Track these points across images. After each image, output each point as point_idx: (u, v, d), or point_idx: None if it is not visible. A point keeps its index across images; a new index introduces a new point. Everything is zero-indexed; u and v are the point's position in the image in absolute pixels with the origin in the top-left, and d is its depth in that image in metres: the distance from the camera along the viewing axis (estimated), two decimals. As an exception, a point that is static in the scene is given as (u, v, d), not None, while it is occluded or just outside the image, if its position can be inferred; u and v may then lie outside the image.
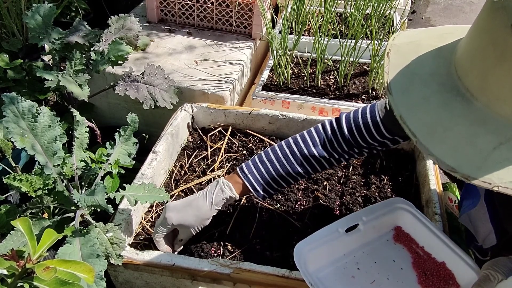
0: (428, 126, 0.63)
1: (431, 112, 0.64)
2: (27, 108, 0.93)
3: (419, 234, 1.03)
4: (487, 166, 0.57)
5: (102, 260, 0.90)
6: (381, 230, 1.06)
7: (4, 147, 1.13)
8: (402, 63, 0.71)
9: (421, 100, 0.65)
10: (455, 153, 0.60)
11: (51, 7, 1.37)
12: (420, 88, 0.67)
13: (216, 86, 1.59)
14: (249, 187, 1.02)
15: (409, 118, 0.64)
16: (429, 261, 0.99)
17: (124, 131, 1.11)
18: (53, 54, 1.39)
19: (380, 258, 1.01)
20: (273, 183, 1.03)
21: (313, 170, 1.04)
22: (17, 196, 1.27)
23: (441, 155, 0.60)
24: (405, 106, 0.66)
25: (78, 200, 0.92)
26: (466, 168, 0.58)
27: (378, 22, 1.92)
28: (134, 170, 1.27)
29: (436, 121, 0.63)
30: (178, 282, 1.03)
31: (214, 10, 1.89)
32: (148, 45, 1.82)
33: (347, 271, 0.98)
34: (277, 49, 1.65)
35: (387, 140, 1.00)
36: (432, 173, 1.22)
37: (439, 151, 0.61)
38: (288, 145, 1.03)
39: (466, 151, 0.59)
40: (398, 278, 0.97)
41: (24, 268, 0.74)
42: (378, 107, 0.99)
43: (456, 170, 0.58)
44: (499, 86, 0.58)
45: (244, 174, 1.03)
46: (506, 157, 0.57)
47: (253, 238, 1.13)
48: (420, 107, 0.65)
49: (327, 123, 1.03)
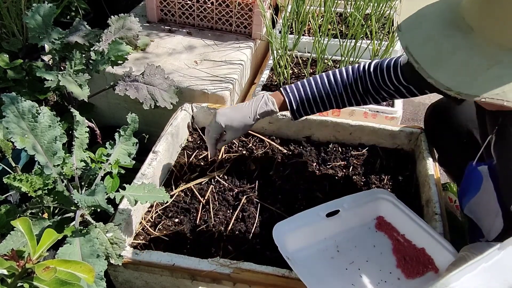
0: (430, 54, 0.72)
1: (434, 44, 0.73)
2: (27, 108, 0.93)
3: (400, 223, 1.07)
4: (478, 83, 0.67)
5: (102, 260, 0.90)
6: (363, 218, 1.10)
7: (4, 147, 1.13)
8: (414, 8, 0.81)
9: (426, 35, 0.75)
10: (452, 75, 0.69)
11: (51, 7, 1.37)
12: (427, 26, 0.76)
13: (216, 86, 1.59)
14: (288, 104, 1.19)
15: (414, 48, 0.74)
16: (409, 248, 1.04)
17: (124, 131, 1.11)
18: (53, 54, 1.39)
19: (361, 243, 1.05)
20: (307, 106, 1.19)
21: (341, 102, 1.20)
22: (17, 196, 1.27)
23: (439, 77, 0.69)
24: (411, 39, 0.75)
25: (78, 200, 0.92)
26: (460, 86, 0.67)
27: (378, 22, 1.92)
28: (134, 170, 1.27)
29: (438, 50, 0.72)
30: (178, 282, 1.03)
31: (214, 10, 1.89)
32: (148, 45, 1.82)
33: (327, 253, 1.02)
34: (277, 49, 1.65)
35: (402, 87, 1.12)
36: (432, 173, 1.22)
37: (437, 74, 0.70)
38: (327, 76, 1.19)
39: (461, 73, 0.69)
40: (377, 261, 1.02)
41: (24, 268, 0.74)
42: (402, 58, 1.12)
43: (450, 89, 0.68)
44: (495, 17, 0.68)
45: (286, 92, 1.19)
46: (495, 75, 0.67)
47: (253, 238, 1.13)
48: (425, 41, 0.74)
49: (362, 63, 1.18)
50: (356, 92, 1.17)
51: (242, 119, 1.15)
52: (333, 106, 1.20)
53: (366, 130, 1.41)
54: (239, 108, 1.18)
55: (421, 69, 0.71)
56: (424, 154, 1.28)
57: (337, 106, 1.20)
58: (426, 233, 1.01)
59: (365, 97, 1.18)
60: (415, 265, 0.99)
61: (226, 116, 1.16)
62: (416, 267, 0.99)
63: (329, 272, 0.98)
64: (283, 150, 1.42)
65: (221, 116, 1.16)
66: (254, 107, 1.16)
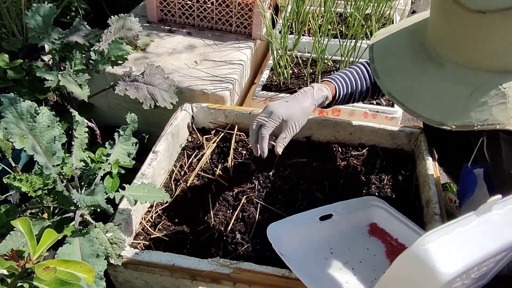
0: (406, 87, 0.71)
1: (408, 76, 0.72)
2: (25, 109, 0.93)
3: (393, 228, 1.09)
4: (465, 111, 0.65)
5: (102, 260, 0.90)
6: (356, 224, 1.11)
7: (4, 147, 1.13)
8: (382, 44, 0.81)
9: (398, 67, 0.74)
10: (436, 108, 0.67)
11: (51, 7, 1.37)
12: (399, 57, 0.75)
13: (216, 86, 1.59)
14: (336, 92, 1.18)
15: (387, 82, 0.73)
16: (402, 250, 1.03)
17: (124, 131, 1.11)
18: (53, 54, 1.39)
19: (354, 246, 1.06)
20: (345, 97, 1.22)
21: (372, 94, 1.25)
22: (17, 196, 1.27)
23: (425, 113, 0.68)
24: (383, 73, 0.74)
25: (78, 200, 0.92)
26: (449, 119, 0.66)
27: (378, 22, 1.92)
28: (134, 170, 1.27)
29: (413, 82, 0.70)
30: (178, 282, 1.03)
31: (214, 10, 1.89)
32: (148, 45, 1.82)
33: (321, 254, 1.03)
34: (277, 49, 1.65)
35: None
36: (432, 173, 1.21)
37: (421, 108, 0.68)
38: (366, 68, 1.23)
39: (444, 104, 0.67)
40: (370, 263, 1.02)
41: (24, 268, 0.74)
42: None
43: (443, 123, 0.66)
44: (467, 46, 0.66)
45: (336, 82, 1.20)
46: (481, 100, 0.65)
47: (253, 238, 1.13)
48: (398, 73, 0.73)
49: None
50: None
51: (302, 108, 1.09)
52: (360, 100, 1.25)
53: (366, 130, 1.41)
54: (293, 100, 1.11)
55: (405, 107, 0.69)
56: (424, 154, 1.28)
57: (363, 100, 1.26)
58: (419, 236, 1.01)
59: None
60: None
61: (283, 107, 1.07)
62: None
63: (323, 270, 0.99)
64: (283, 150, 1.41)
65: (277, 107, 1.07)
66: (310, 95, 1.12)
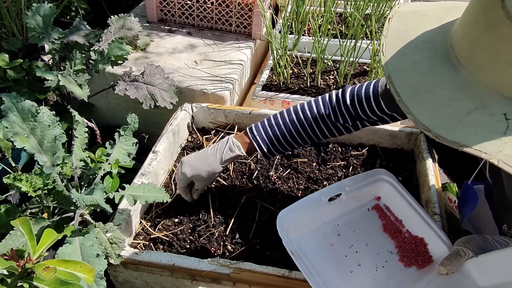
0: (412, 87, 0.66)
1: (419, 75, 0.67)
2: (27, 108, 0.93)
3: (398, 207, 1.08)
4: (459, 128, 0.60)
5: (102, 259, 0.89)
6: (363, 200, 1.11)
7: (4, 147, 1.13)
8: (401, 29, 0.74)
9: (411, 64, 0.68)
10: (433, 114, 0.63)
11: (51, 7, 1.37)
12: (413, 53, 0.69)
13: (216, 86, 1.59)
14: (256, 147, 1.11)
15: (396, 78, 0.67)
16: (398, 226, 1.06)
17: (124, 131, 1.11)
18: (53, 54, 1.39)
19: (360, 226, 1.07)
20: (278, 145, 1.11)
21: (315, 137, 1.11)
22: (17, 196, 1.27)
23: (419, 115, 0.63)
24: (395, 68, 0.68)
25: (77, 199, 0.92)
26: (440, 129, 0.61)
27: (378, 22, 1.92)
28: (134, 170, 1.27)
29: (421, 83, 0.66)
30: (178, 282, 1.03)
31: (214, 10, 1.89)
32: (148, 45, 1.82)
33: (327, 239, 1.03)
34: (277, 49, 1.65)
35: (386, 116, 1.05)
36: (432, 173, 1.22)
37: (417, 110, 0.64)
38: (295, 111, 1.10)
39: (443, 113, 0.62)
40: (375, 245, 1.03)
41: (24, 268, 0.74)
42: (380, 83, 1.03)
43: (430, 130, 0.61)
44: (483, 54, 0.61)
45: (253, 135, 1.11)
46: (478, 121, 0.60)
47: (253, 238, 1.13)
48: (409, 70, 0.68)
49: (334, 93, 1.09)
50: (331, 125, 1.08)
51: (207, 168, 1.10)
52: (307, 142, 1.12)
53: (365, 130, 1.41)
54: (203, 156, 1.12)
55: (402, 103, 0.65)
56: (424, 154, 1.28)
57: (311, 141, 1.11)
58: (422, 220, 1.02)
59: (342, 129, 1.10)
60: (411, 253, 1.01)
61: (190, 166, 1.11)
62: (412, 254, 1.01)
63: (327, 262, 0.99)
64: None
65: (185, 167, 1.11)
66: (219, 155, 1.10)
